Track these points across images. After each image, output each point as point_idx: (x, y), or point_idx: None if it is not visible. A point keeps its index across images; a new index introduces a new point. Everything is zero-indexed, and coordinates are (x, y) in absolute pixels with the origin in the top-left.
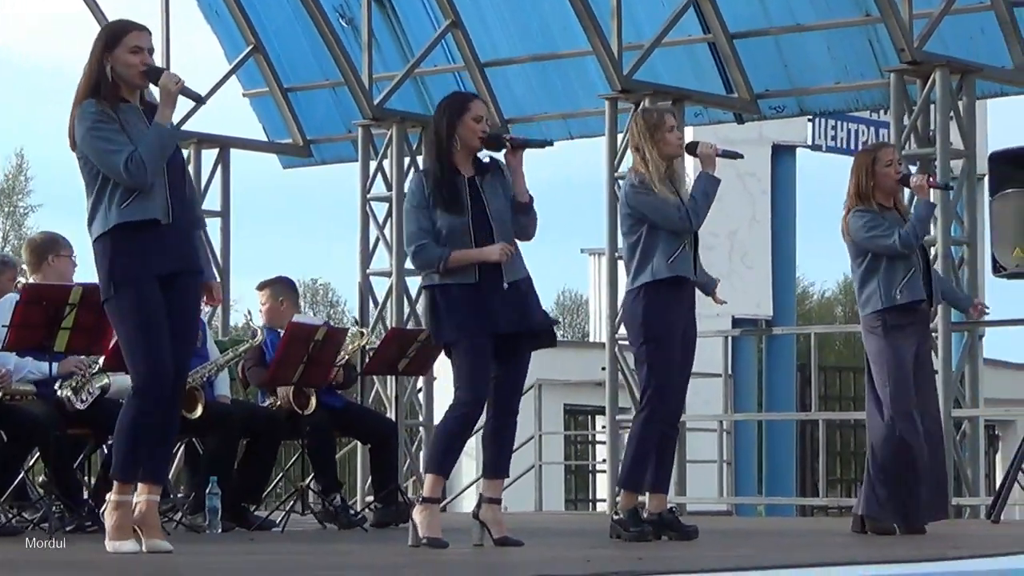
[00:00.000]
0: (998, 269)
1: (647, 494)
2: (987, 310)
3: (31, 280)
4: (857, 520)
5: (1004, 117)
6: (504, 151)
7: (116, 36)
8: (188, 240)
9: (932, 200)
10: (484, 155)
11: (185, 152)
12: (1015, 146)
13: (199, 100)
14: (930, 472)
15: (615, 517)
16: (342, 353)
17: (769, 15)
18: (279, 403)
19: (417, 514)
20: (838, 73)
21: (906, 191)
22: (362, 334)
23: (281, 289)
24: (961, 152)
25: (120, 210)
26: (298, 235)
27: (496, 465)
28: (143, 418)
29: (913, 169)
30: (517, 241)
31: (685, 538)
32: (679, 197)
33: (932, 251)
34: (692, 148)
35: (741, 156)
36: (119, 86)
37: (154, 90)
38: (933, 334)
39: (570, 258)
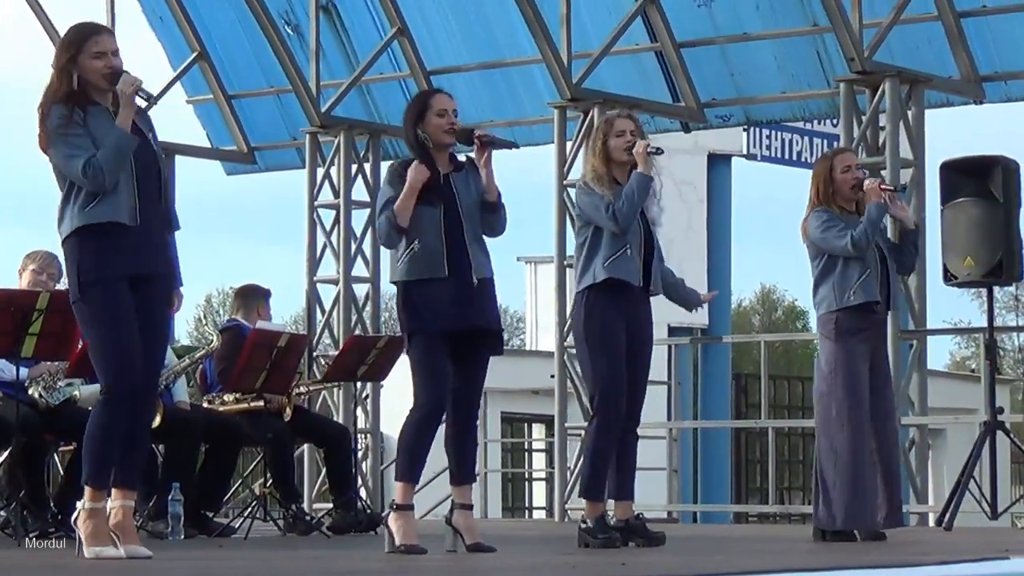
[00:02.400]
0: (949, 278)
1: (613, 502)
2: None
3: None
4: (817, 530)
5: (943, 127)
6: (474, 147)
7: (77, 42)
8: (158, 243)
9: (882, 203)
10: (461, 154)
11: None
12: (966, 155)
13: (150, 99)
14: (888, 480)
15: (582, 526)
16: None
17: (716, 24)
18: (273, 405)
19: (392, 521)
20: (785, 83)
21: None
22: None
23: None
24: (910, 162)
25: (84, 212)
26: (240, 241)
27: (461, 471)
28: (114, 422)
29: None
30: (485, 239)
31: (652, 544)
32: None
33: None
34: (631, 148)
35: (661, 151)
36: (87, 91)
37: None
38: None
39: (495, 266)
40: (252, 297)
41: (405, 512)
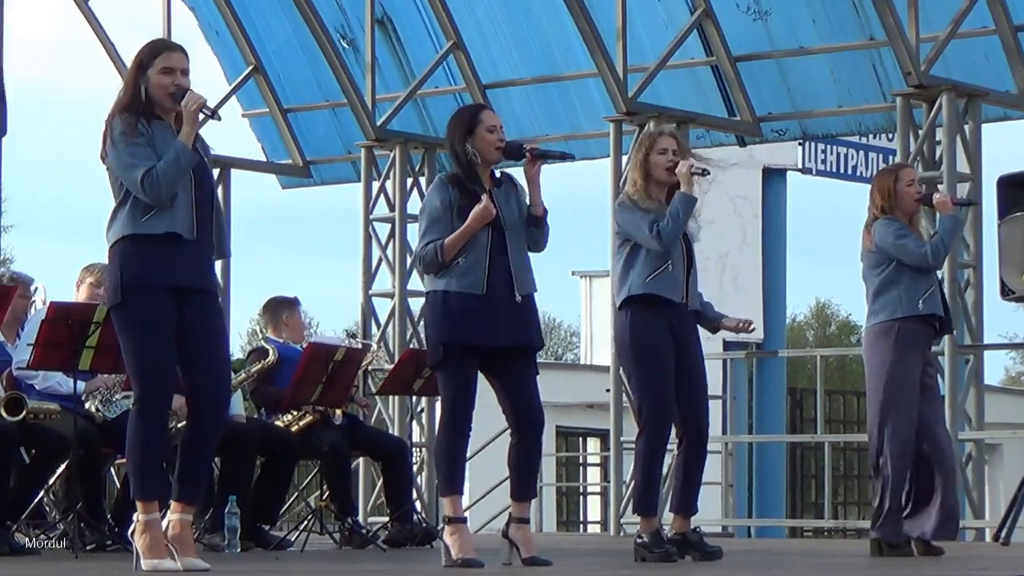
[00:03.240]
0: (1006, 292)
1: (672, 515)
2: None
3: None
4: (874, 543)
5: (1000, 141)
6: (523, 161)
7: (150, 56)
8: (208, 262)
9: (957, 216)
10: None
11: None
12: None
13: (213, 116)
14: (943, 492)
15: (638, 540)
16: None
17: (772, 38)
18: (308, 417)
19: (448, 535)
20: (841, 97)
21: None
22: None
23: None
24: (967, 176)
25: (140, 222)
26: (295, 255)
27: (523, 487)
28: (148, 433)
29: (940, 187)
30: (529, 255)
31: (709, 558)
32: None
33: (939, 274)
34: (672, 168)
35: (707, 173)
36: (153, 106)
37: None
38: (940, 357)
39: (550, 280)
40: (277, 310)
41: (459, 525)
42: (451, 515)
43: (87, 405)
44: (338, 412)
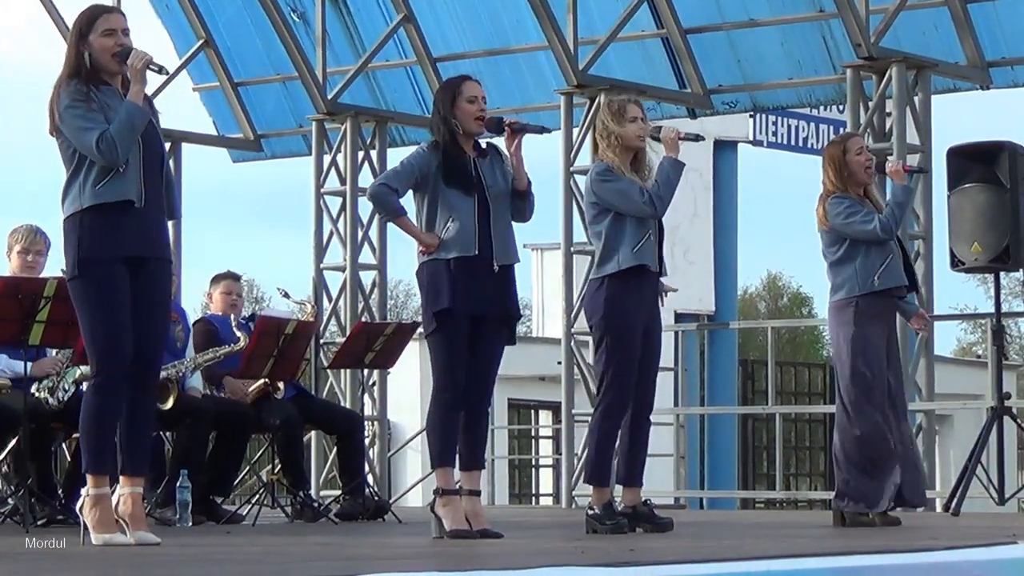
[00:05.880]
0: (956, 264)
1: (621, 488)
2: (928, 318)
3: None
4: (837, 513)
5: (949, 113)
6: (504, 135)
7: (89, 22)
8: (159, 227)
9: (909, 185)
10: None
11: None
12: (973, 141)
13: (162, 71)
14: (908, 460)
15: (590, 512)
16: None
17: (722, 10)
18: (253, 392)
19: (440, 508)
20: (791, 69)
21: (876, 182)
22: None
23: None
24: (917, 147)
25: (94, 190)
26: (247, 229)
27: (471, 457)
28: (105, 406)
29: (891, 158)
30: (513, 225)
31: (660, 530)
32: (644, 184)
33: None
34: (655, 133)
35: (702, 138)
36: (98, 71)
37: None
38: None
39: None
40: (216, 282)
41: (452, 497)
42: (444, 487)
43: (35, 394)
44: (280, 386)
